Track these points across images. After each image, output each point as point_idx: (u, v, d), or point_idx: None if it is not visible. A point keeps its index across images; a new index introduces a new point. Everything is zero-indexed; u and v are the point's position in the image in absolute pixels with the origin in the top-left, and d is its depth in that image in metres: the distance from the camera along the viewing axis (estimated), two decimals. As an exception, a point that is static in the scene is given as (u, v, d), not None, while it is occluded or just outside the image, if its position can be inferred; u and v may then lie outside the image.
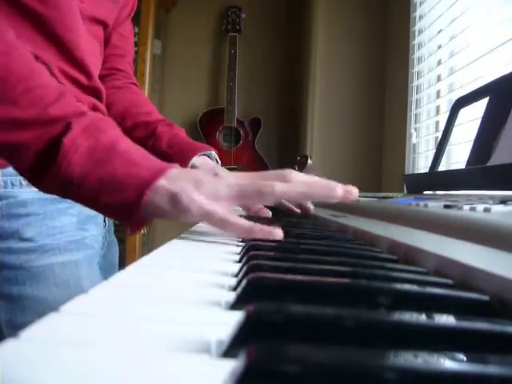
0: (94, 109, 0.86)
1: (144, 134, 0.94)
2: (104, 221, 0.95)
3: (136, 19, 2.64)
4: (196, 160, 0.89)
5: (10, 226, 0.77)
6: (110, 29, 0.91)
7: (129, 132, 0.93)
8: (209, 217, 0.53)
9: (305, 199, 0.58)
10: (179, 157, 0.89)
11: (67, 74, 0.78)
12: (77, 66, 0.79)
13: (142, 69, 2.52)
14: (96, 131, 0.56)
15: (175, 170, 0.55)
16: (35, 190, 0.78)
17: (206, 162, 0.91)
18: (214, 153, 0.94)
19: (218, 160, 0.95)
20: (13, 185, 0.77)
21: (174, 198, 0.53)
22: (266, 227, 0.53)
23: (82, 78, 0.82)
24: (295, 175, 0.57)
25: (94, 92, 0.86)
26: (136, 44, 2.69)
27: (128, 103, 0.99)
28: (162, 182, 0.53)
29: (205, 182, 0.55)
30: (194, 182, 0.54)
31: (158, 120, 0.97)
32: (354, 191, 0.56)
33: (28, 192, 0.78)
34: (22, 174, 0.59)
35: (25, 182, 0.77)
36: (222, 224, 0.54)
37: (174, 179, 0.54)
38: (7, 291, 0.78)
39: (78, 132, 0.55)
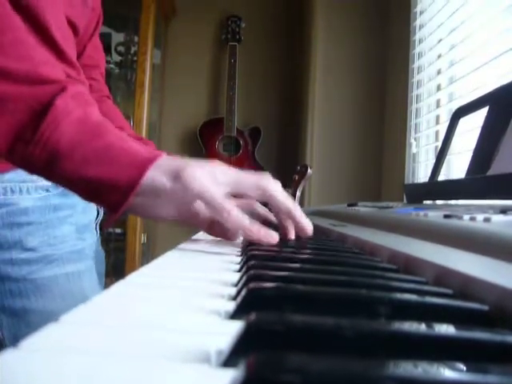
0: None
1: None
2: (95, 229, 0.94)
3: (135, 29, 2.65)
4: None
5: (12, 235, 0.74)
6: (82, 36, 0.85)
7: None
8: (208, 198, 0.50)
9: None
10: None
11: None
12: (63, 58, 0.72)
13: (141, 78, 2.52)
14: (85, 103, 0.52)
15: (168, 156, 0.52)
16: (36, 197, 0.74)
17: None
18: None
19: None
20: (13, 192, 0.75)
21: (177, 173, 0.49)
22: (264, 230, 0.51)
23: (73, 73, 0.76)
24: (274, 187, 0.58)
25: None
26: (136, 53, 2.70)
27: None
28: (163, 160, 0.50)
29: (201, 165, 0.52)
30: (192, 163, 0.51)
31: (130, 134, 0.95)
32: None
33: (29, 199, 0.75)
34: (5, 144, 0.51)
35: (25, 189, 0.75)
36: (220, 210, 0.50)
37: (172, 159, 0.51)
38: (10, 305, 0.75)
39: (69, 97, 0.50)
